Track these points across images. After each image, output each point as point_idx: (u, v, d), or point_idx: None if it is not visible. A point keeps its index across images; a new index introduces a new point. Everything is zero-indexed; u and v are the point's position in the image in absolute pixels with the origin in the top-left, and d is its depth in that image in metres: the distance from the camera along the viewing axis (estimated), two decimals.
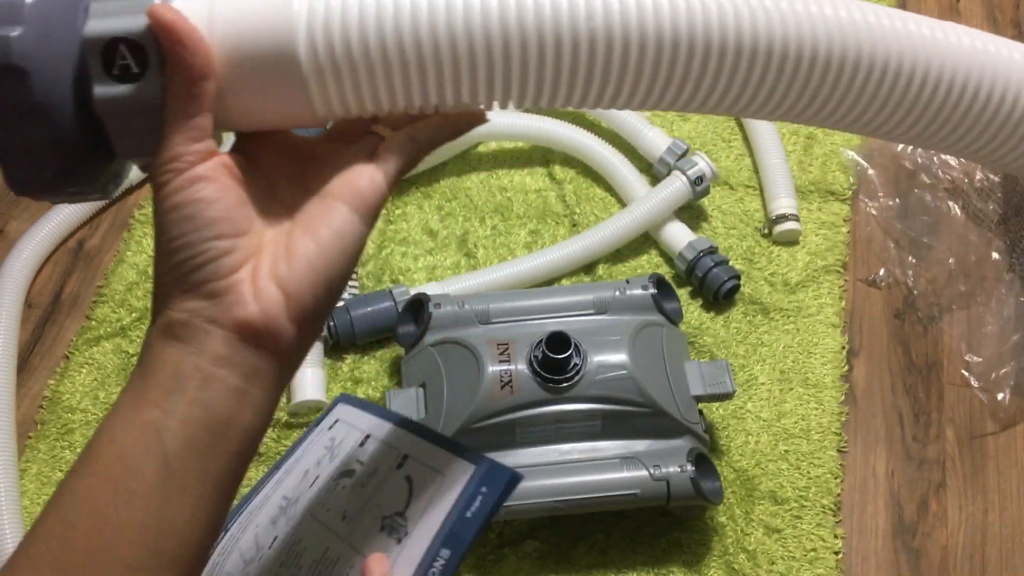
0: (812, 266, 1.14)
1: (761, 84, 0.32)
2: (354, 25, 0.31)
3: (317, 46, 0.32)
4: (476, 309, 0.96)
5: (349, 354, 1.08)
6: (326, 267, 0.34)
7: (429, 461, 0.56)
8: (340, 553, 0.54)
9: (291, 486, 0.62)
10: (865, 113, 0.34)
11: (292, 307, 0.33)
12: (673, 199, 1.12)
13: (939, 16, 1.36)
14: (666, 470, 0.88)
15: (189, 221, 0.32)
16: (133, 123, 0.33)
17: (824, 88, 0.32)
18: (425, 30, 0.31)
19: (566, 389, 0.89)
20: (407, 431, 0.60)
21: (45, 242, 1.14)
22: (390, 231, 1.17)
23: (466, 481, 0.54)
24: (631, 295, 0.98)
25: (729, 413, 1.04)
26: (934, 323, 1.11)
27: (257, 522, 0.61)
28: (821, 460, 1.00)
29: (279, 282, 0.33)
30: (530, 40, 0.30)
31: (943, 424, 1.04)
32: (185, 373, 0.32)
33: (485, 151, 1.25)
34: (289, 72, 0.33)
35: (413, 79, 0.33)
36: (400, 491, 0.55)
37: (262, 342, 0.33)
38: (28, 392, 1.06)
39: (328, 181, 0.35)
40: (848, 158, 1.22)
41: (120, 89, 0.32)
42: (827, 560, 0.95)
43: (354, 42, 0.32)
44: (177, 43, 0.31)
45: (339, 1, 0.32)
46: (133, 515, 0.31)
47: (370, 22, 0.31)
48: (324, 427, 0.66)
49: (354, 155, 0.36)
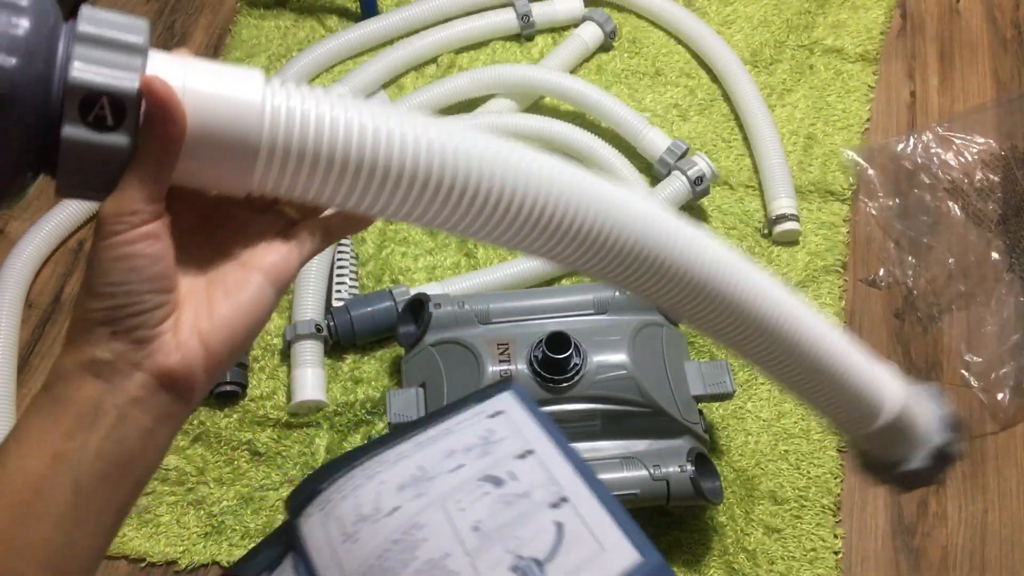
0: (812, 266, 1.14)
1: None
2: (310, 134, 0.36)
3: (276, 142, 0.36)
4: (476, 309, 0.97)
5: (349, 354, 1.08)
6: (243, 329, 0.37)
7: (589, 521, 0.50)
8: (459, 568, 0.48)
9: (432, 459, 0.55)
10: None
11: (210, 361, 0.36)
12: (673, 199, 1.12)
13: (939, 16, 1.37)
14: (666, 470, 0.88)
15: (134, 273, 0.34)
16: (88, 167, 0.34)
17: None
18: (354, 153, 0.36)
19: (566, 389, 0.89)
20: (575, 470, 0.54)
21: (45, 242, 1.14)
22: (390, 231, 1.17)
23: (624, 570, 0.47)
24: (631, 295, 0.98)
25: (729, 413, 1.04)
26: (934, 323, 1.11)
27: (384, 478, 0.55)
28: (821, 460, 1.01)
29: (201, 338, 0.36)
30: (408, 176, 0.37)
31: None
32: (103, 410, 0.34)
33: None
34: (243, 156, 0.36)
35: (338, 184, 0.37)
36: (546, 535, 0.49)
37: (177, 389, 0.36)
38: (29, 392, 1.06)
39: (242, 247, 0.38)
40: (848, 158, 1.22)
41: (89, 135, 0.34)
42: (827, 560, 0.95)
43: (308, 148, 0.36)
44: (166, 117, 0.34)
45: (298, 104, 0.36)
46: (41, 538, 0.33)
47: (324, 133, 0.36)
48: (484, 412, 0.59)
49: (267, 227, 0.40)
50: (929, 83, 1.31)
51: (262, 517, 0.98)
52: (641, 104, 1.28)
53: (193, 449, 1.02)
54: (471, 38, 1.32)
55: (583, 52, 1.31)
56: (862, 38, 1.33)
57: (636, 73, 1.31)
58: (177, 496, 0.99)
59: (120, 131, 0.34)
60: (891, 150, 1.24)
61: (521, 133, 1.18)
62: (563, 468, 0.52)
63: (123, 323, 0.34)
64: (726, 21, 1.36)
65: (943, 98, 1.29)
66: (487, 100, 1.24)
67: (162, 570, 0.96)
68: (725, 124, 1.26)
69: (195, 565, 0.96)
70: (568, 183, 0.40)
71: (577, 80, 1.21)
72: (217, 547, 0.96)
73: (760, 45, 1.33)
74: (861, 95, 1.28)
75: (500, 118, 1.17)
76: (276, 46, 1.34)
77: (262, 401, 1.04)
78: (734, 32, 1.35)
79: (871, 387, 0.52)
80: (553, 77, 1.20)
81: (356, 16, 1.36)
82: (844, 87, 1.29)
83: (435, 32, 1.30)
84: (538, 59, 1.31)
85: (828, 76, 1.30)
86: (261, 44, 1.34)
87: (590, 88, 1.19)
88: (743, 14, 1.37)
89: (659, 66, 1.32)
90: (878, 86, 1.30)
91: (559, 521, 0.49)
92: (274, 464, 1.01)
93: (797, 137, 1.24)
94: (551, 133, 1.17)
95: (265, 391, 1.05)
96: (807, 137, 1.24)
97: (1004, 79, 1.31)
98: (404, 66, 1.29)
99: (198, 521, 0.98)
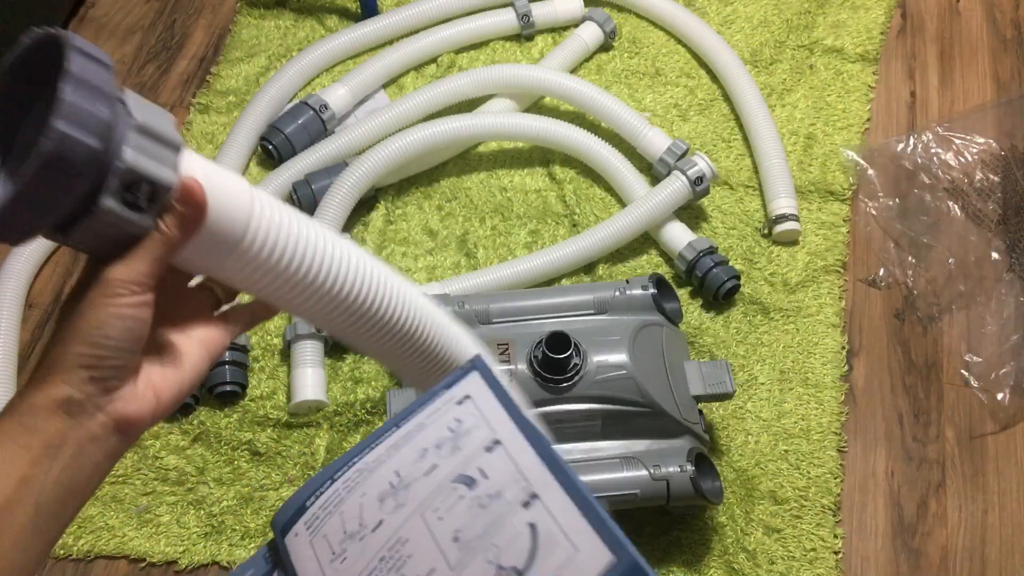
0: (812, 266, 1.14)
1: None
2: (277, 248, 0.44)
3: (254, 243, 0.44)
4: (476, 309, 0.97)
5: (349, 354, 1.08)
6: (187, 388, 0.45)
7: (561, 520, 0.48)
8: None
9: (406, 463, 0.56)
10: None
11: (159, 412, 0.43)
12: (673, 199, 1.12)
13: (939, 16, 1.38)
14: (666, 470, 0.88)
15: (127, 332, 0.40)
16: (107, 235, 0.39)
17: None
18: (299, 264, 0.46)
19: (566, 389, 0.89)
20: (541, 461, 0.52)
21: (45, 242, 1.14)
22: (390, 231, 1.17)
23: (598, 574, 0.46)
24: (631, 295, 0.98)
25: (729, 413, 1.04)
26: (934, 323, 1.11)
27: (364, 490, 0.56)
28: (821, 460, 1.01)
29: (155, 392, 0.43)
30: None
31: (943, 424, 1.04)
32: (66, 443, 0.39)
33: (485, 151, 1.25)
34: (226, 249, 0.43)
35: (277, 282, 0.46)
36: (522, 541, 0.48)
37: (129, 433, 0.42)
38: None
39: (186, 319, 0.46)
40: (848, 158, 1.22)
41: (121, 210, 0.38)
42: (827, 560, 0.95)
43: (276, 252, 0.45)
44: (195, 214, 0.40)
45: (270, 217, 0.45)
46: (3, 550, 0.38)
47: (282, 245, 0.45)
48: (452, 398, 0.57)
49: (202, 303, 0.48)
50: (929, 83, 1.31)
51: (262, 517, 0.98)
52: (641, 104, 1.28)
53: (193, 449, 1.02)
54: (471, 38, 1.32)
55: (583, 52, 1.31)
56: (862, 38, 1.33)
57: (636, 73, 1.31)
58: (177, 496, 0.99)
59: (147, 213, 0.39)
60: (891, 150, 1.24)
61: (521, 133, 1.18)
62: (530, 458, 0.52)
63: (102, 371, 0.40)
64: (726, 21, 1.36)
65: (943, 98, 1.30)
66: (487, 100, 1.24)
67: (162, 570, 0.96)
68: (725, 124, 1.26)
69: (195, 565, 0.96)
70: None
71: (577, 80, 1.21)
72: (217, 547, 0.96)
73: (760, 45, 1.33)
74: (861, 95, 1.28)
75: (500, 118, 1.17)
76: (276, 46, 1.34)
77: (262, 401, 1.04)
78: (734, 32, 1.35)
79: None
80: (553, 77, 1.20)
81: (356, 16, 1.36)
82: (844, 87, 1.29)
83: (435, 32, 1.30)
84: (538, 59, 1.31)
85: (828, 76, 1.30)
86: (261, 44, 1.34)
87: (590, 88, 1.19)
88: (743, 14, 1.37)
89: (659, 66, 1.32)
90: (878, 86, 1.30)
91: (532, 523, 0.49)
92: (274, 464, 1.01)
93: (797, 137, 1.24)
94: (551, 134, 1.17)
95: (265, 391, 1.05)
96: (807, 137, 1.24)
97: (1004, 79, 1.31)
98: (404, 66, 1.29)
99: (198, 521, 0.98)
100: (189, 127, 1.26)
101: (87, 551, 0.96)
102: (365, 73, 1.25)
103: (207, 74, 1.32)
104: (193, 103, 1.28)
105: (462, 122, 1.15)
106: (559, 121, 1.18)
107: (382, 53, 1.28)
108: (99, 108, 0.36)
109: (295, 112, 1.21)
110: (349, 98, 1.24)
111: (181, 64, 1.34)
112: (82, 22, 1.38)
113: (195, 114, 1.27)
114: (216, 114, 1.27)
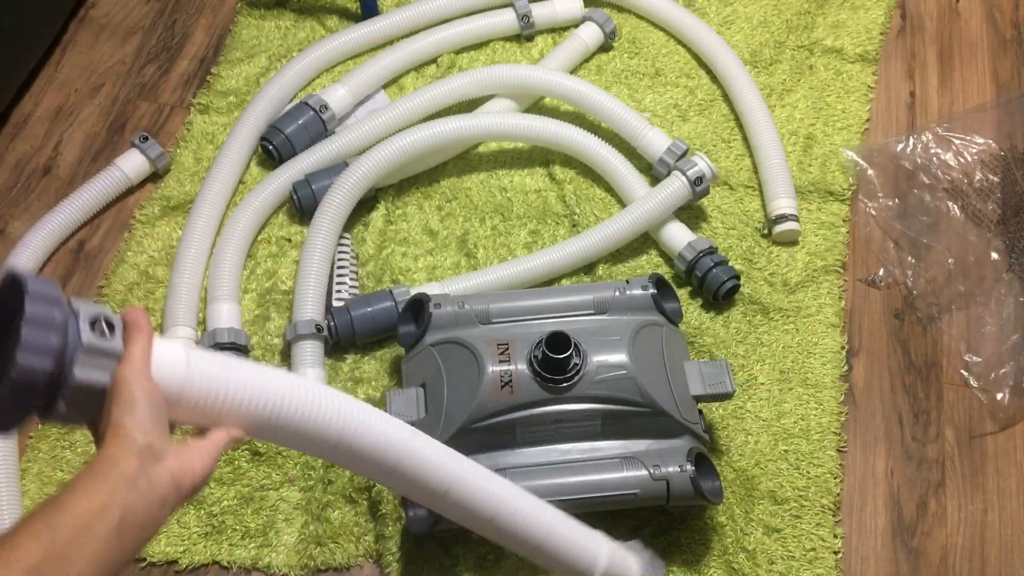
0: (812, 266, 1.14)
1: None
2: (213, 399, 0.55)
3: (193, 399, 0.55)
4: (476, 309, 0.97)
5: (349, 354, 1.08)
6: (211, 463, 0.55)
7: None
8: None
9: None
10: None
11: (197, 477, 0.54)
12: (673, 199, 1.12)
13: (938, 16, 1.38)
14: (666, 470, 0.88)
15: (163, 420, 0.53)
16: (74, 414, 0.51)
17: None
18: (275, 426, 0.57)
19: (566, 389, 0.89)
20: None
21: (46, 243, 1.14)
22: (390, 231, 1.18)
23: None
24: (631, 295, 0.98)
25: (729, 413, 1.04)
26: (933, 323, 1.11)
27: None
28: (821, 460, 1.01)
29: (194, 457, 0.55)
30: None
31: (942, 424, 1.04)
32: (138, 479, 0.50)
33: (485, 151, 1.25)
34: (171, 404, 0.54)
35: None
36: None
37: (181, 483, 0.53)
38: None
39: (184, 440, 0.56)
40: (848, 158, 1.22)
41: (74, 401, 0.50)
42: (826, 559, 0.95)
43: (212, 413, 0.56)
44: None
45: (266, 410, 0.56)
46: (81, 562, 0.47)
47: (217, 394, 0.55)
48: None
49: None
50: (929, 83, 1.31)
51: (262, 517, 0.98)
52: (641, 104, 1.28)
53: None
54: (471, 38, 1.32)
55: (583, 52, 1.31)
56: (862, 38, 1.34)
57: (636, 73, 1.31)
58: None
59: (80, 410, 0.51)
60: (891, 150, 1.24)
61: (521, 134, 1.18)
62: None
63: (165, 437, 0.52)
64: (726, 21, 1.36)
65: (943, 98, 1.30)
66: (487, 100, 1.24)
67: (162, 570, 0.96)
68: (725, 124, 1.26)
69: (195, 565, 0.96)
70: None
71: (577, 80, 1.21)
72: (217, 547, 0.96)
73: (760, 45, 1.33)
74: (861, 95, 1.29)
75: (500, 118, 1.17)
76: (276, 46, 1.34)
77: None
78: (734, 32, 1.35)
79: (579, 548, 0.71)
80: (553, 77, 1.20)
81: (356, 16, 1.36)
82: (844, 87, 1.29)
83: (435, 32, 1.30)
84: (538, 59, 1.31)
85: (828, 76, 1.30)
86: (261, 44, 1.34)
87: (590, 88, 1.19)
88: (743, 14, 1.37)
89: (659, 66, 1.32)
90: (878, 86, 1.30)
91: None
92: (274, 464, 1.01)
93: (797, 137, 1.24)
94: (551, 134, 1.17)
95: None
96: (807, 137, 1.24)
97: (1004, 79, 1.31)
98: (404, 66, 1.29)
99: (198, 521, 0.98)
100: (189, 127, 1.26)
101: None
102: (365, 73, 1.25)
103: (207, 74, 1.32)
104: (193, 103, 1.29)
105: (462, 122, 1.15)
106: (559, 121, 1.18)
107: (382, 53, 1.28)
108: (52, 339, 0.48)
109: (295, 112, 1.21)
110: (349, 98, 1.24)
111: (181, 64, 1.34)
112: (82, 22, 1.38)
113: (195, 114, 1.27)
114: (216, 114, 1.27)
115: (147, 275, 1.14)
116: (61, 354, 0.48)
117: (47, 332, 0.48)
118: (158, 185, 1.22)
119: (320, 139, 1.21)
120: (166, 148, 1.23)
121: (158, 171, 1.21)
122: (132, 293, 1.12)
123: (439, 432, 0.89)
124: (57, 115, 1.29)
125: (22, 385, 0.47)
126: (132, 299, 1.12)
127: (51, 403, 0.49)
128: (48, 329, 0.48)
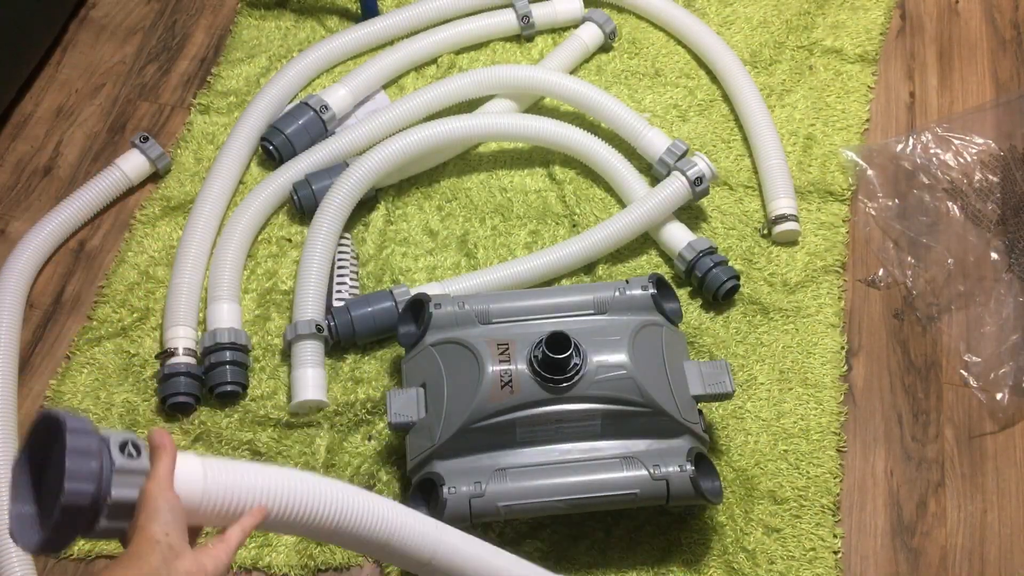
0: (811, 266, 1.14)
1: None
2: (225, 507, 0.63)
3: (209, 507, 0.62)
4: (476, 309, 0.97)
5: (350, 354, 1.08)
6: (227, 558, 0.62)
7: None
8: None
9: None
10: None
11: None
12: (673, 199, 1.12)
13: (938, 17, 1.38)
14: (666, 470, 0.88)
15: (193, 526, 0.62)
16: (112, 532, 0.59)
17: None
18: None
19: (566, 389, 0.89)
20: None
21: (46, 243, 1.14)
22: (390, 231, 1.18)
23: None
24: (631, 295, 0.98)
25: (729, 413, 1.04)
26: (933, 323, 1.11)
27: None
28: (820, 460, 1.01)
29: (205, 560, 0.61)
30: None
31: (942, 424, 1.05)
32: (161, 572, 0.57)
33: (485, 151, 1.25)
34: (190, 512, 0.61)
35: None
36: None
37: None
38: (30, 392, 1.06)
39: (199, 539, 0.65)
40: (847, 159, 1.22)
41: (112, 522, 0.58)
42: (826, 559, 0.95)
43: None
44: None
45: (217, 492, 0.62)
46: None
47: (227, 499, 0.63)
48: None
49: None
50: (928, 83, 1.31)
51: None
52: (641, 105, 1.28)
53: (194, 449, 1.02)
54: (471, 39, 1.33)
55: (583, 53, 1.31)
56: (861, 39, 1.34)
57: (636, 74, 1.32)
58: None
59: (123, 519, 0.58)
60: (890, 150, 1.24)
61: (521, 134, 1.18)
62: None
63: (183, 539, 0.60)
64: (726, 22, 1.36)
65: (942, 98, 1.30)
66: (487, 100, 1.24)
67: None
68: (725, 125, 1.26)
69: None
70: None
71: (577, 81, 1.21)
72: None
73: (760, 46, 1.33)
74: (860, 95, 1.29)
75: (500, 118, 1.18)
76: (276, 46, 1.34)
77: (263, 401, 1.05)
78: (734, 33, 1.35)
79: None
80: (553, 78, 1.20)
81: (356, 16, 1.36)
82: (843, 87, 1.29)
83: (435, 33, 1.30)
84: (538, 60, 1.31)
85: (827, 77, 1.30)
86: (261, 44, 1.35)
87: (590, 89, 1.20)
88: (743, 15, 1.37)
89: (659, 67, 1.32)
90: (877, 86, 1.30)
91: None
92: (274, 464, 1.01)
93: (797, 137, 1.24)
94: (551, 134, 1.17)
95: (266, 391, 1.05)
96: (807, 137, 1.24)
97: (1003, 79, 1.31)
98: (404, 66, 1.29)
99: None
100: (190, 127, 1.26)
101: (87, 551, 0.96)
102: (365, 74, 1.25)
103: (208, 75, 1.32)
104: (194, 104, 1.29)
105: (462, 122, 1.16)
106: (559, 121, 1.18)
107: (382, 54, 1.29)
108: (92, 465, 0.56)
109: (296, 112, 1.21)
110: (349, 99, 1.24)
111: (182, 65, 1.34)
112: (83, 23, 1.38)
113: (196, 115, 1.27)
114: (217, 115, 1.27)
115: (147, 275, 1.14)
116: (99, 477, 0.56)
117: (87, 460, 0.56)
118: (158, 185, 1.22)
119: (320, 139, 1.21)
120: (166, 148, 1.23)
121: (158, 171, 1.21)
122: (133, 293, 1.12)
123: (439, 432, 0.89)
124: (57, 115, 1.29)
125: (71, 508, 0.55)
126: (133, 299, 1.12)
127: (93, 520, 0.57)
128: (88, 457, 0.56)
